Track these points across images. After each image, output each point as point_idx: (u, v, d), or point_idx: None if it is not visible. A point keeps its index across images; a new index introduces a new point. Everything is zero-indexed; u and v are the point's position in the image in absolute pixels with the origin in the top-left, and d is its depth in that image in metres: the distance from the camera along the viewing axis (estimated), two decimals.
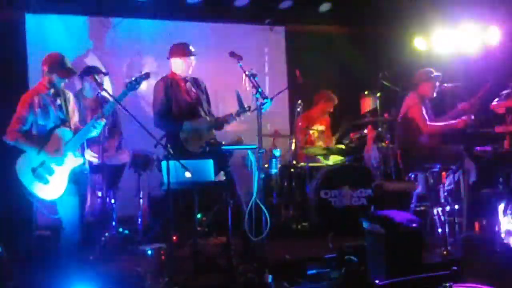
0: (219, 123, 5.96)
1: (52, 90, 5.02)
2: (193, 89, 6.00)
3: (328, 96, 7.75)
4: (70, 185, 4.95)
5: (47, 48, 7.13)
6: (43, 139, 4.93)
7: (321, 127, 7.74)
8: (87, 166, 5.26)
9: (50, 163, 4.88)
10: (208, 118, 5.94)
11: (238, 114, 5.80)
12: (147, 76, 5.14)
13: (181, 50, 5.93)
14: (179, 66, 5.95)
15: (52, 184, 4.88)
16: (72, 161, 4.96)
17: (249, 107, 5.70)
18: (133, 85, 5.07)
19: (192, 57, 5.94)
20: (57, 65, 4.97)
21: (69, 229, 4.93)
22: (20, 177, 4.87)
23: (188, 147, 5.73)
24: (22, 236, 6.14)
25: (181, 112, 5.85)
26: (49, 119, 4.96)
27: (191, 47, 5.96)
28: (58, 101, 5.04)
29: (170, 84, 5.91)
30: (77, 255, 4.96)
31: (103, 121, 5.03)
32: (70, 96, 5.22)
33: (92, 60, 7.47)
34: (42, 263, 5.32)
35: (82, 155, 5.13)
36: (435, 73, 6.59)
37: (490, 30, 7.62)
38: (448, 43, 7.98)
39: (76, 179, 5.03)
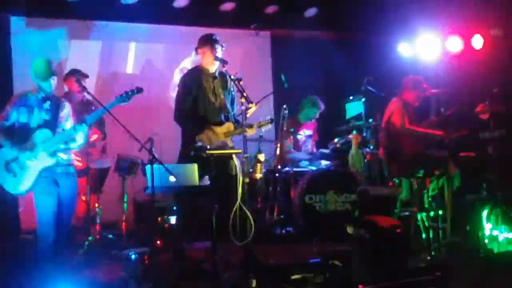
0: (238, 131, 5.83)
1: (41, 94, 5.09)
2: (220, 89, 5.90)
3: (313, 101, 7.71)
4: (45, 185, 5.00)
5: (32, 51, 7.11)
6: (23, 137, 5.00)
7: (308, 132, 7.74)
8: (72, 169, 5.23)
9: (23, 159, 4.95)
10: (228, 125, 5.85)
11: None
12: (139, 91, 5.13)
13: (207, 40, 5.82)
14: (206, 57, 5.83)
15: (19, 178, 4.96)
16: (45, 160, 4.99)
17: (272, 119, 5.82)
18: (123, 99, 5.08)
19: (218, 46, 5.77)
20: (39, 72, 5.03)
21: (42, 228, 4.97)
22: None
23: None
24: (6, 240, 6.10)
25: (203, 113, 5.79)
26: (32, 119, 5.02)
27: (216, 36, 5.83)
28: (46, 105, 5.10)
29: (198, 79, 5.82)
30: (53, 256, 4.95)
31: (84, 126, 5.04)
32: (66, 104, 5.28)
33: (77, 64, 7.41)
34: (25, 267, 5.28)
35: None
36: (424, 85, 6.60)
37: (474, 36, 7.69)
38: (432, 48, 8.03)
39: (56, 180, 5.05)
